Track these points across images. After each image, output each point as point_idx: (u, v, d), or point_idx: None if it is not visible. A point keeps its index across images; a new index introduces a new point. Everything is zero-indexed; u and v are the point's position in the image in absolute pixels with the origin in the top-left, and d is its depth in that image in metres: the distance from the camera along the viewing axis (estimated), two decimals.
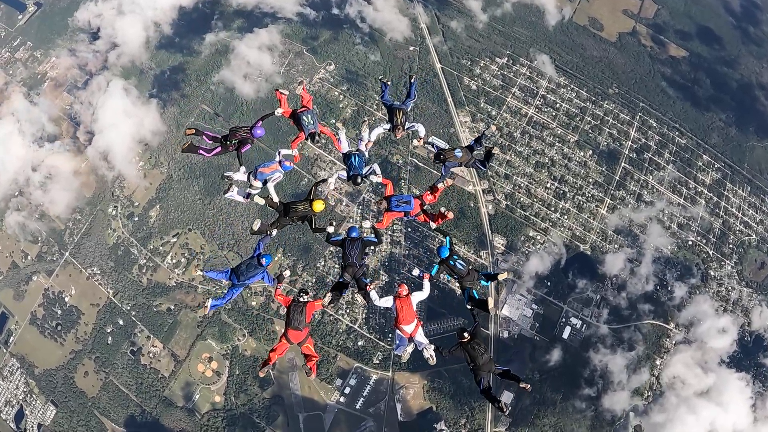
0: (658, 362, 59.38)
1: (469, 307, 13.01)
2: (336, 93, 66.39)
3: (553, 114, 66.80)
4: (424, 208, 13.98)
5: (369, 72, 67.54)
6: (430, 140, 18.04)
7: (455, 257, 13.28)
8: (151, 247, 64.59)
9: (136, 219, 66.09)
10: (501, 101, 66.60)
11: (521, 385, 12.25)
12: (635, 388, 57.51)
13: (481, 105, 66.10)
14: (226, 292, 13.26)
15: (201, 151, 13.93)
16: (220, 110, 67.58)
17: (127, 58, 74.34)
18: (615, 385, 57.40)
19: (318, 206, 13.25)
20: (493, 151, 14.05)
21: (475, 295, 12.88)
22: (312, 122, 13.72)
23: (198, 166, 66.15)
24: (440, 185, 13.81)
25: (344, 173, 13.97)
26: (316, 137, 13.86)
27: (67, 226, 68.31)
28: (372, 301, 12.69)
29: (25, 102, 72.83)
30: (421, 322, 12.84)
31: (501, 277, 13.55)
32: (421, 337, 12.49)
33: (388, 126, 14.33)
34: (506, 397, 58.00)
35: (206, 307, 13.01)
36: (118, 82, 72.47)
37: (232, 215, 63.69)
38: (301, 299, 12.59)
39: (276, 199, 13.30)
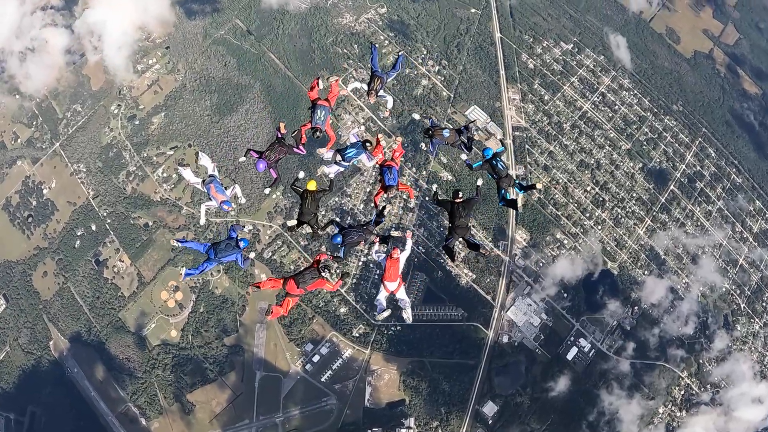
0: (661, 411, 47.95)
1: (501, 204, 13.48)
2: (381, 37, 55.25)
3: (610, 115, 55.26)
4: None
5: (421, 24, 56.28)
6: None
7: (497, 159, 13.36)
8: (145, 155, 53.99)
9: (137, 123, 55.39)
10: (557, 87, 55.07)
11: (481, 251, 12.87)
12: None
13: (535, 86, 54.62)
14: (200, 263, 13.09)
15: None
16: (253, 29, 56.74)
17: None
18: None
19: (311, 185, 13.27)
20: (475, 138, 14.89)
21: (507, 195, 13.24)
22: (321, 118, 13.72)
23: (215, 80, 55.38)
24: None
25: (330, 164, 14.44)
26: (317, 133, 13.94)
27: (65, 116, 57.94)
28: (374, 250, 13.30)
29: None
30: (404, 282, 13.39)
31: (539, 185, 16.68)
32: (402, 294, 12.77)
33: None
34: (489, 408, 47.29)
35: (180, 274, 13.52)
36: None
37: (239, 139, 52.75)
38: (323, 272, 12.32)
39: (203, 221, 11.39)
